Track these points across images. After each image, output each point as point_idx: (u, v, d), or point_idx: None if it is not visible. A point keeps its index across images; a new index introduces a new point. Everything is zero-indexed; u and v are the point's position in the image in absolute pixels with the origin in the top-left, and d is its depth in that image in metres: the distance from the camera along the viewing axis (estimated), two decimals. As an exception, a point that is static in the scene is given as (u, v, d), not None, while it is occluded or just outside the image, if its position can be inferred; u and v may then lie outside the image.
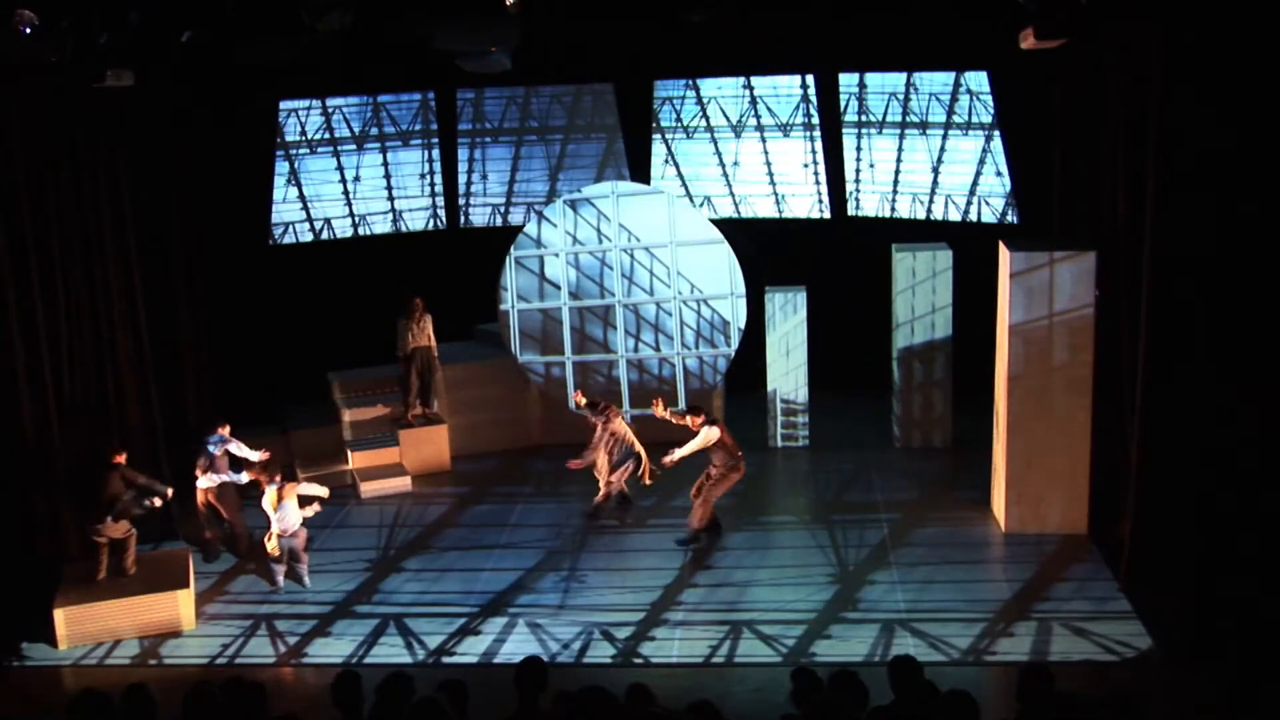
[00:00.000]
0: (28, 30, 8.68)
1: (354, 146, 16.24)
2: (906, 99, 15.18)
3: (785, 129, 15.89)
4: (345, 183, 16.26)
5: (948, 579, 10.98)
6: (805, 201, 16.06)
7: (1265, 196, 8.92)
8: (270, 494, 11.16)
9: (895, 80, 15.18)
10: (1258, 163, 8.93)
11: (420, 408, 14.29)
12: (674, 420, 12.07)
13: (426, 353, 14.09)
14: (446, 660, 10.01)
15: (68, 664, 10.29)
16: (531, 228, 14.53)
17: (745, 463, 11.84)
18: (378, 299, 14.61)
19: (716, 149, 16.17)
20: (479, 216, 16.78)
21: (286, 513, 11.18)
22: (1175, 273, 9.64)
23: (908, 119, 15.22)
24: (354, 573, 11.65)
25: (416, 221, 16.64)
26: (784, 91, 15.77)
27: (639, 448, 12.46)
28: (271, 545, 11.22)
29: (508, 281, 14.52)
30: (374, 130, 16.27)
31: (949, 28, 12.69)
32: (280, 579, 11.33)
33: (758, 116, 15.93)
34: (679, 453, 11.74)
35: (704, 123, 16.11)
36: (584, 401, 12.96)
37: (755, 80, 15.74)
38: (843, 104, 15.53)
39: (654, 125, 16.19)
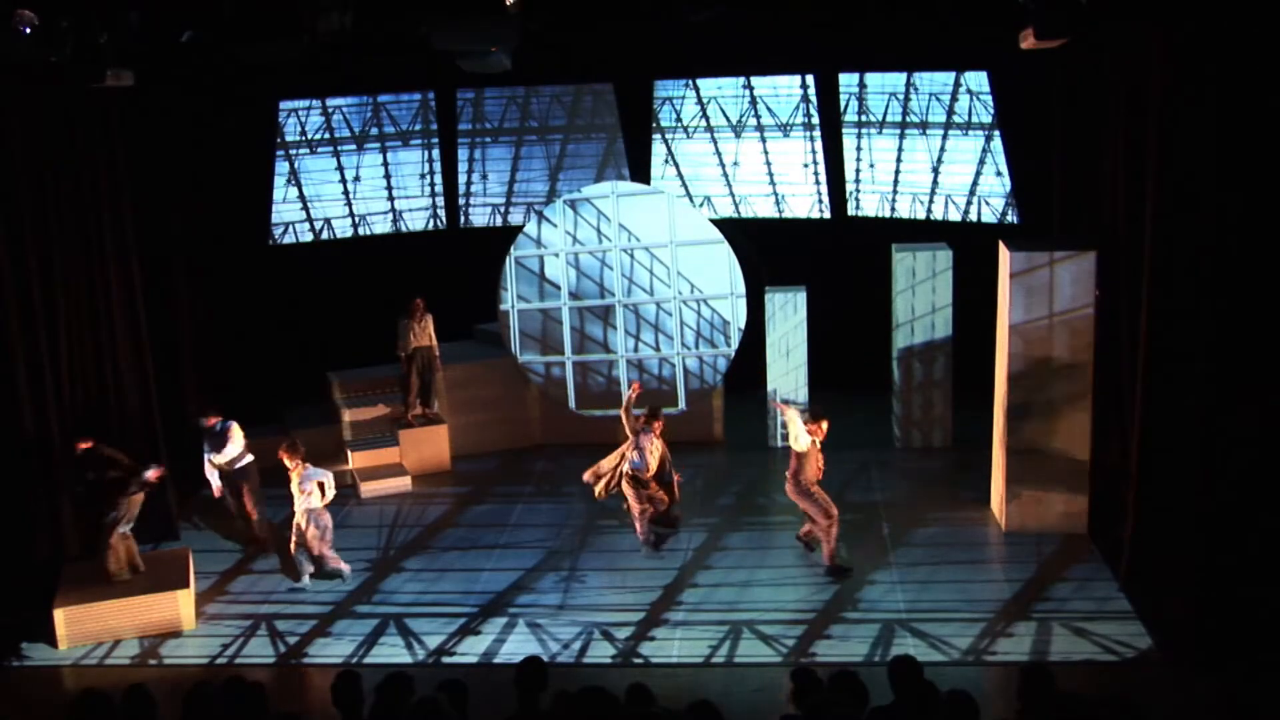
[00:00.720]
0: (28, 30, 8.68)
1: (354, 146, 16.25)
2: (906, 99, 15.18)
3: (785, 129, 15.89)
4: (345, 183, 16.27)
5: (948, 579, 10.98)
6: (805, 201, 16.07)
7: (1265, 196, 8.91)
8: (296, 475, 11.30)
9: (895, 80, 15.18)
10: (1258, 162, 8.92)
11: (420, 408, 14.29)
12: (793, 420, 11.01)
13: (427, 352, 14.08)
14: (446, 660, 10.01)
15: (68, 664, 10.29)
16: (531, 228, 14.53)
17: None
18: (378, 299, 14.61)
19: (716, 149, 16.18)
20: (479, 216, 16.78)
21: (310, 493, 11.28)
22: (1175, 273, 9.64)
23: (908, 119, 15.22)
24: (354, 573, 11.64)
25: (416, 221, 16.65)
26: (784, 91, 15.77)
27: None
28: (303, 519, 11.27)
29: (508, 281, 14.52)
30: (374, 130, 16.28)
31: (949, 28, 12.69)
32: (307, 573, 11.34)
33: (758, 116, 15.93)
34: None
35: (704, 123, 16.11)
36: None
37: (755, 80, 15.74)
38: (843, 104, 15.53)
39: (654, 125, 16.20)
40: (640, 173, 16.08)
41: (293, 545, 11.35)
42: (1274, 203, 8.88)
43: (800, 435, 10.84)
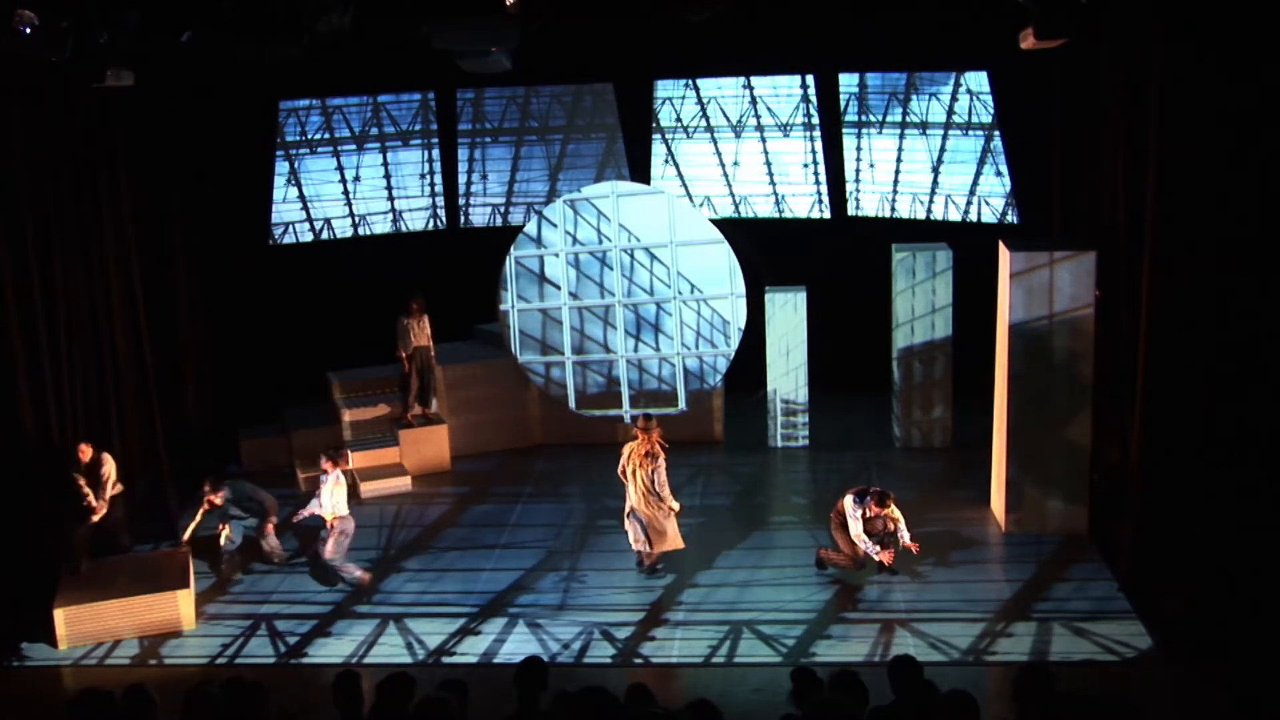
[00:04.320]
0: (28, 30, 8.68)
1: (354, 146, 16.25)
2: (906, 99, 15.18)
3: (785, 129, 15.89)
4: (345, 183, 16.27)
5: (948, 579, 10.98)
6: (805, 201, 16.07)
7: (1264, 196, 8.92)
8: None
9: (895, 80, 15.19)
10: (1257, 162, 8.93)
11: (419, 407, 14.29)
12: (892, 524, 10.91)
13: (425, 352, 14.09)
14: (446, 660, 10.01)
15: (68, 664, 10.28)
16: (531, 228, 14.53)
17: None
18: (378, 299, 14.61)
19: (716, 149, 16.18)
20: (479, 216, 16.79)
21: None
22: (1175, 273, 9.64)
23: (908, 119, 15.22)
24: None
25: (416, 221, 16.65)
26: (784, 91, 15.77)
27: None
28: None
29: (508, 281, 14.52)
30: (374, 130, 16.28)
31: (949, 28, 12.69)
32: (357, 572, 11.39)
33: (758, 116, 15.93)
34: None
35: (704, 123, 16.11)
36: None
37: (755, 80, 15.74)
38: (843, 104, 15.54)
39: (654, 125, 16.20)
40: (640, 173, 16.07)
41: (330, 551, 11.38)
42: (1274, 202, 8.89)
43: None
